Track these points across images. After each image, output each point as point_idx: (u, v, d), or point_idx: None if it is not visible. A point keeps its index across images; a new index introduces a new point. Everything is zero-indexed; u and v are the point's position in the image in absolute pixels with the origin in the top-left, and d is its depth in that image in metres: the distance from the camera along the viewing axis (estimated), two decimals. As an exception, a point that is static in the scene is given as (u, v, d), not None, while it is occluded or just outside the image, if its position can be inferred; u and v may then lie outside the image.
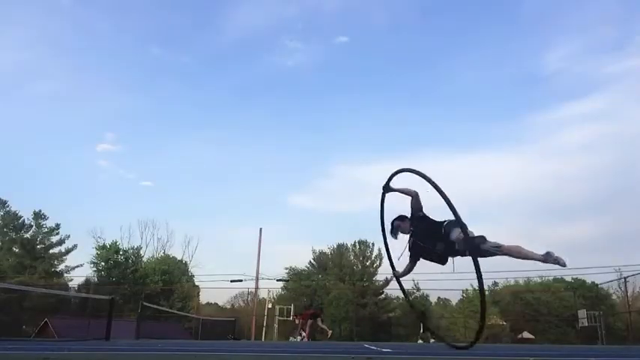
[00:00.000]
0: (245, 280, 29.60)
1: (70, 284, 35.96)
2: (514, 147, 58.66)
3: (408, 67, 60.60)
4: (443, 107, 60.73)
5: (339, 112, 61.73)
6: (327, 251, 38.29)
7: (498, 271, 28.28)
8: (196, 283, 36.89)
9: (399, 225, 5.88)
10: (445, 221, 5.40)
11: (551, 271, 35.88)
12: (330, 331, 17.57)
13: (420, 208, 5.73)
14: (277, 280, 34.04)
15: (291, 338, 17.94)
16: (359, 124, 61.83)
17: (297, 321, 28.72)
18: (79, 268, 37.45)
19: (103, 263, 35.91)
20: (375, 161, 58.08)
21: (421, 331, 20.79)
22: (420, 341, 19.76)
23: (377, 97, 61.29)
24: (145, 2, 59.22)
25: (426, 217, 5.69)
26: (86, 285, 34.83)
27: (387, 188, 6.23)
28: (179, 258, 39.44)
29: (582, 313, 24.05)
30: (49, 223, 37.49)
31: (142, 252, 39.67)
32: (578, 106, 56.64)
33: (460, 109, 59.36)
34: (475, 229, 5.17)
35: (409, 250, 5.78)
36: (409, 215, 5.81)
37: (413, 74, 60.86)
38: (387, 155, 62.02)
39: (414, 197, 5.72)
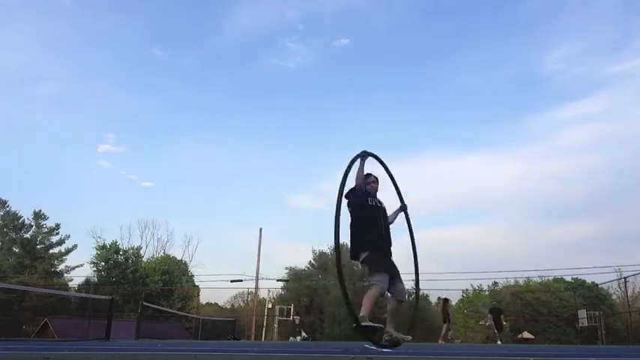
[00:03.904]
0: (245, 280, 29.63)
1: (70, 284, 36.05)
2: (514, 147, 58.81)
3: (409, 68, 60.70)
4: (443, 108, 60.83)
5: (339, 113, 61.82)
6: (327, 251, 38.28)
7: (498, 271, 28.27)
8: (196, 283, 36.96)
9: (373, 181, 5.47)
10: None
11: (551, 271, 35.96)
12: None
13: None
14: (277, 280, 34.05)
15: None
16: (359, 124, 61.88)
17: (296, 321, 28.66)
18: (79, 268, 37.61)
19: (103, 263, 35.92)
20: (375, 161, 58.04)
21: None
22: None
23: (378, 98, 61.33)
24: (146, 3, 59.31)
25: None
26: (86, 285, 34.84)
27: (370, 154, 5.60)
28: (179, 258, 39.51)
29: (582, 313, 24.02)
30: (49, 223, 37.61)
31: (142, 252, 39.76)
32: (578, 107, 56.67)
33: (460, 109, 59.49)
34: (475, 229, 5.19)
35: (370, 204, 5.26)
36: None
37: (413, 75, 60.96)
38: (387, 156, 61.99)
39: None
